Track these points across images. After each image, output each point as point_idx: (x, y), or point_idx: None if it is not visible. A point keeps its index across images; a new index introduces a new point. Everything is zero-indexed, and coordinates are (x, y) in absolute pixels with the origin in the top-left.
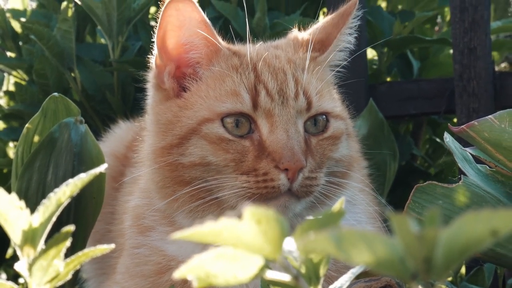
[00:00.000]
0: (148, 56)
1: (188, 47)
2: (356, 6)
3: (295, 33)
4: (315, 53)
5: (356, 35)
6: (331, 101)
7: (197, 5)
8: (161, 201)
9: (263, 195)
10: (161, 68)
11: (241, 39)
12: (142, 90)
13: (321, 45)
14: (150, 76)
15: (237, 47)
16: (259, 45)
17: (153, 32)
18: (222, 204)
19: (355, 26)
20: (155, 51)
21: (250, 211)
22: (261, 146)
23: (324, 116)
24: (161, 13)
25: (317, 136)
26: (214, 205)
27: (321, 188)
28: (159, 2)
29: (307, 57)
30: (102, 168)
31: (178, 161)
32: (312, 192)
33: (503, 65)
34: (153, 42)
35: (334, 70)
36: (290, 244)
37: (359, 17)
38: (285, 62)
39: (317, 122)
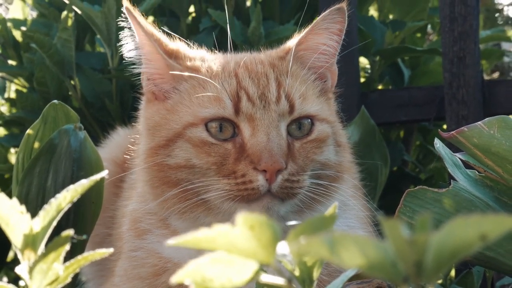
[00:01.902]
0: None
1: (150, 59)
2: (332, 11)
3: (290, 40)
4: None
5: (337, 39)
6: (316, 104)
7: (140, 19)
8: (153, 202)
9: (244, 197)
10: (144, 72)
11: (237, 47)
12: (140, 97)
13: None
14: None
15: (209, 56)
16: (249, 53)
17: None
18: (209, 205)
19: (331, 28)
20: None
21: (243, 217)
22: (242, 149)
23: (309, 120)
24: (130, 20)
25: (302, 139)
26: (201, 206)
27: (307, 191)
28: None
29: (290, 60)
30: (102, 174)
31: (165, 162)
32: (295, 195)
33: (495, 75)
34: None
35: (316, 73)
36: (283, 248)
37: (334, 21)
38: (269, 67)
39: (302, 126)
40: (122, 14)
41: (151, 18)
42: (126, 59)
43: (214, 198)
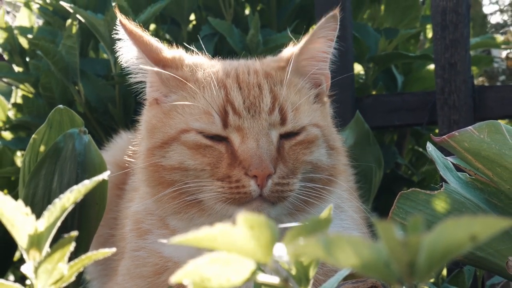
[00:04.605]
0: None
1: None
2: (328, 18)
3: (286, 49)
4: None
5: (333, 45)
6: (309, 113)
7: (133, 30)
8: (151, 201)
9: (236, 199)
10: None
11: (235, 54)
12: (144, 102)
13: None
14: None
15: (205, 64)
16: (244, 61)
17: None
18: (202, 206)
19: (328, 35)
20: None
21: (243, 217)
22: (234, 155)
23: None
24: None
25: (290, 140)
26: (195, 206)
27: (298, 194)
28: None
29: (288, 71)
30: (104, 175)
31: (160, 162)
32: (285, 198)
33: (480, 78)
34: None
35: (312, 80)
36: (280, 248)
37: (331, 28)
38: (263, 77)
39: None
40: (115, 27)
41: (153, 26)
42: (124, 68)
43: (208, 198)
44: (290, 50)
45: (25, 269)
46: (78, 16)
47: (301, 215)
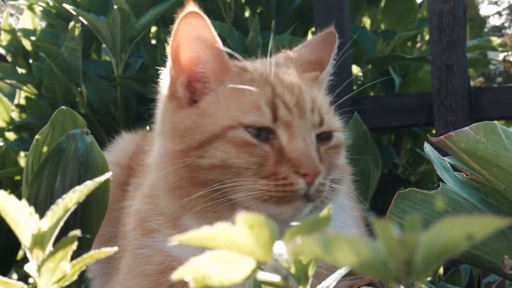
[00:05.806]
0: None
1: (197, 61)
2: (336, 36)
3: (288, 53)
4: (316, 72)
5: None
6: (334, 117)
7: (209, 22)
8: (172, 202)
9: (281, 198)
10: (175, 78)
11: (235, 56)
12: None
13: (319, 65)
14: (163, 86)
15: (245, 63)
16: (260, 62)
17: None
18: (236, 206)
19: (336, 52)
20: (169, 62)
21: (243, 216)
22: (281, 152)
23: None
24: (175, 26)
25: (324, 144)
26: (227, 206)
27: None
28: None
29: (312, 76)
30: (106, 176)
31: (196, 163)
32: (320, 197)
33: (479, 79)
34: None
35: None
36: (280, 247)
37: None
38: (298, 79)
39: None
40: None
41: (154, 29)
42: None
43: (244, 198)
44: (294, 55)
45: (29, 267)
46: (80, 18)
47: (316, 212)
